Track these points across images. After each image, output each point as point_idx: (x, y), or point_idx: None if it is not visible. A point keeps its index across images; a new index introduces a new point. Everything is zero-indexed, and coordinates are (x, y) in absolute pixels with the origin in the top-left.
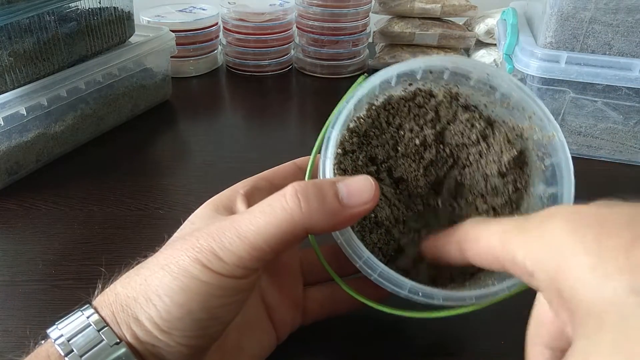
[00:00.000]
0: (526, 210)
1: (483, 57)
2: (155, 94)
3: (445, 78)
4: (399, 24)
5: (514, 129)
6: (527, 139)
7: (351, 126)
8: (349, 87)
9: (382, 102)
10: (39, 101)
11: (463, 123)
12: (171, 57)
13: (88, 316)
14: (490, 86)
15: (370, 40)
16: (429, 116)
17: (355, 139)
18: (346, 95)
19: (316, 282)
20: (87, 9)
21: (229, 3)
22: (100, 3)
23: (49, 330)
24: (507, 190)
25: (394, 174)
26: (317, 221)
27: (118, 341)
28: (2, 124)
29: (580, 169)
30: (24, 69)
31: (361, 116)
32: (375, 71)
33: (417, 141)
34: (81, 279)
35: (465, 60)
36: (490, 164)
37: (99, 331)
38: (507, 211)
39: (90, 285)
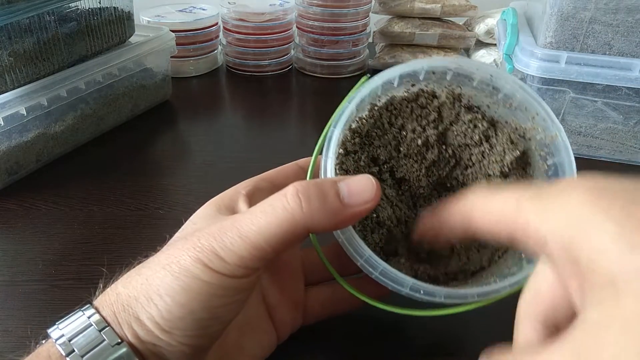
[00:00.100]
0: None
1: (483, 57)
2: (155, 94)
3: (448, 79)
4: (399, 24)
5: (517, 130)
6: (530, 140)
7: (353, 126)
8: (349, 87)
9: (385, 102)
10: (39, 101)
11: (466, 124)
12: (171, 57)
13: (89, 316)
14: (493, 87)
15: (370, 40)
16: (432, 117)
17: (357, 139)
18: (348, 95)
19: (317, 282)
20: (87, 9)
21: (229, 3)
22: (100, 3)
23: (49, 330)
24: None
25: (396, 174)
26: (318, 220)
27: (119, 341)
28: (2, 124)
29: (580, 169)
30: (24, 69)
31: (363, 117)
32: (375, 71)
33: (419, 142)
34: (81, 279)
35: (469, 61)
36: (492, 164)
37: (100, 331)
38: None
39: (91, 285)
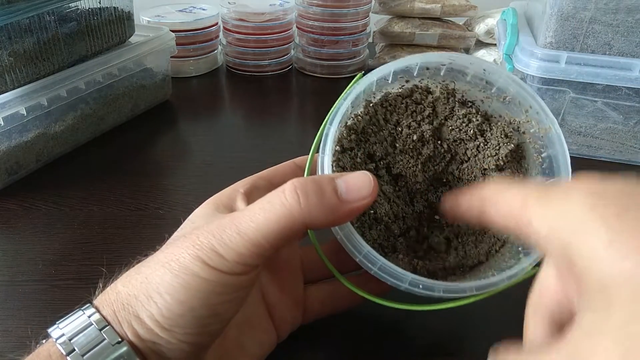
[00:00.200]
0: None
1: (483, 57)
2: (155, 94)
3: (441, 74)
4: (399, 24)
5: (511, 123)
6: (524, 133)
7: (349, 123)
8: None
9: (380, 99)
10: (39, 101)
11: (460, 119)
12: (171, 57)
13: (89, 315)
14: (486, 81)
15: (370, 40)
16: (427, 112)
17: (353, 136)
18: (344, 93)
19: (317, 280)
20: (87, 9)
21: (229, 3)
22: (100, 3)
23: (50, 330)
24: None
25: (392, 170)
26: (316, 217)
27: (119, 340)
28: (2, 124)
29: (580, 169)
30: (24, 69)
31: (359, 113)
32: None
33: (414, 137)
34: (81, 279)
35: (462, 56)
36: (487, 158)
37: (101, 330)
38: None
39: (91, 285)
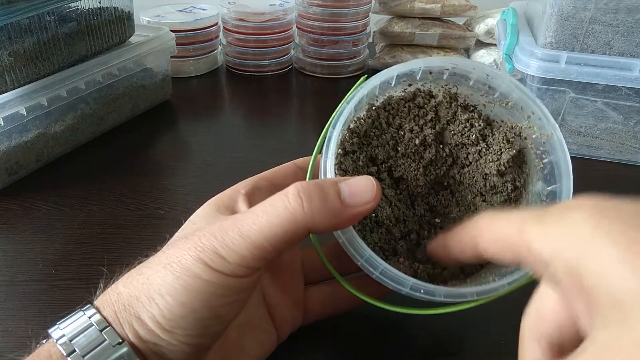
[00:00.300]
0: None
1: (483, 57)
2: (155, 94)
3: (444, 78)
4: (399, 24)
5: (513, 129)
6: (526, 138)
7: (351, 127)
8: (349, 87)
9: (382, 102)
10: (39, 101)
11: (462, 123)
12: (171, 57)
13: (90, 316)
14: (489, 86)
15: (370, 40)
16: (429, 116)
17: (355, 139)
18: (347, 96)
19: (317, 281)
20: (87, 9)
21: (229, 3)
22: (100, 3)
23: (50, 330)
24: (506, 188)
25: (394, 174)
26: (319, 220)
27: (120, 341)
28: (2, 124)
29: (580, 169)
30: (24, 69)
31: (361, 117)
32: (375, 71)
33: (417, 141)
34: (81, 279)
35: (465, 61)
36: (489, 163)
37: (101, 331)
38: (506, 209)
39: (91, 285)
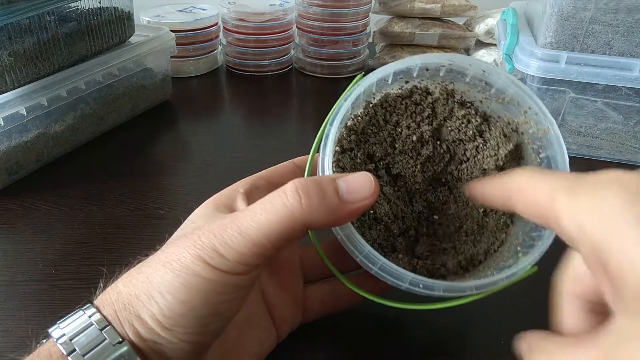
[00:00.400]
0: None
1: (483, 57)
2: (155, 94)
3: (441, 75)
4: (399, 24)
5: (510, 124)
6: (523, 133)
7: (349, 124)
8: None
9: (379, 99)
10: (39, 101)
11: (459, 119)
12: (171, 57)
13: (90, 315)
14: (485, 82)
15: (370, 40)
16: (426, 113)
17: (353, 136)
18: (344, 93)
19: (316, 279)
20: (87, 9)
21: (229, 3)
22: (100, 3)
23: (50, 330)
24: None
25: (392, 170)
26: (317, 217)
27: (120, 340)
28: (2, 124)
29: (580, 169)
30: (24, 69)
31: (359, 114)
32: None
33: (414, 138)
34: (81, 279)
35: (462, 58)
36: (487, 158)
37: (101, 330)
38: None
39: (91, 285)
